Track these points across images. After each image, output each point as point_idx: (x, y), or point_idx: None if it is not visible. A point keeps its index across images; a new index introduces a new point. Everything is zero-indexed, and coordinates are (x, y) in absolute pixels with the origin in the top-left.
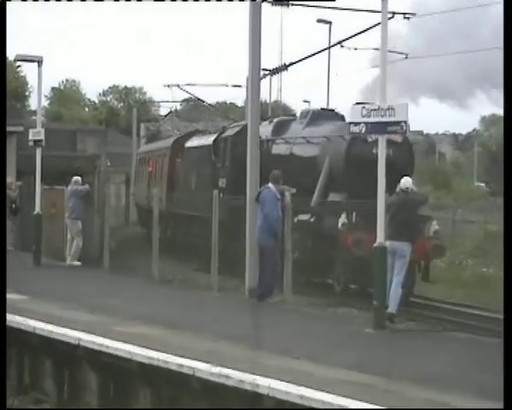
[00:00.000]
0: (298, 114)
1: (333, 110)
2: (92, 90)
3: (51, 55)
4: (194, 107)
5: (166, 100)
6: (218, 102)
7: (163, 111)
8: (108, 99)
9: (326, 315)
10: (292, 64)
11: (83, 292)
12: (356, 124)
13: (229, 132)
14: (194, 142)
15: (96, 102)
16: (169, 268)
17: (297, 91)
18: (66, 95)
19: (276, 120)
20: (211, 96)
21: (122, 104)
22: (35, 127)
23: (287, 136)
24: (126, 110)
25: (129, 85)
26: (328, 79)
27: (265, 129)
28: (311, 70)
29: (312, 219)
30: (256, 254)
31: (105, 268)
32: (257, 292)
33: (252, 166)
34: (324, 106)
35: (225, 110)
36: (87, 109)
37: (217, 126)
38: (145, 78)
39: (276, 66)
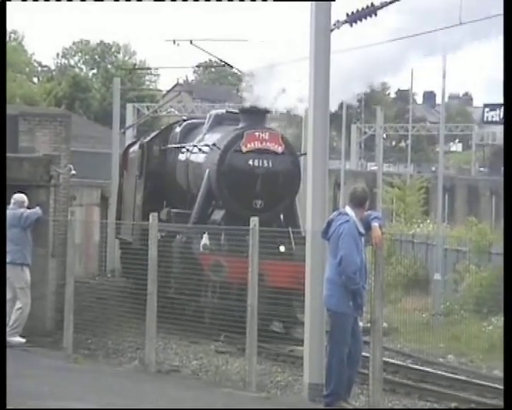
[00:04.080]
0: None
1: (237, 113)
2: (45, 48)
3: None
4: (216, 76)
5: (170, 65)
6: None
7: (164, 84)
8: (72, 63)
9: None
10: (388, 4)
11: (29, 390)
12: None
13: (149, 136)
14: (135, 146)
15: (52, 67)
16: (174, 349)
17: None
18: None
19: (185, 123)
20: (244, 60)
21: (95, 71)
22: None
23: (189, 143)
24: (102, 82)
25: (106, 41)
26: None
27: (174, 134)
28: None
29: (182, 242)
30: (320, 326)
31: (66, 349)
32: (324, 392)
33: (316, 184)
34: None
35: None
36: (36, 80)
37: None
38: (133, 29)
39: (361, 7)
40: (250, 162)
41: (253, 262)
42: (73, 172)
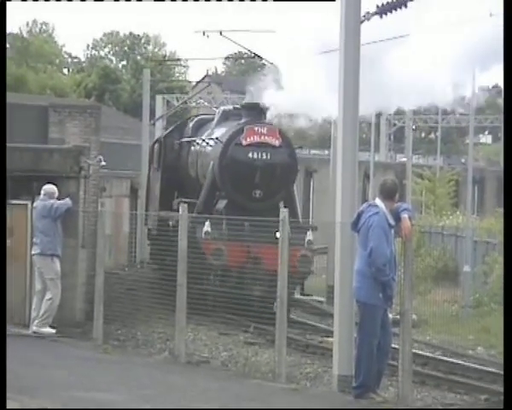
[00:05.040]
0: None
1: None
2: (75, 39)
3: None
4: (246, 68)
5: (199, 57)
6: None
7: (194, 75)
8: (102, 54)
9: None
10: None
11: (59, 381)
12: None
13: (166, 131)
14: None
15: (82, 58)
16: (203, 340)
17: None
18: (33, 47)
19: (196, 118)
20: (275, 51)
21: (125, 63)
22: None
23: (199, 137)
24: (132, 73)
25: (136, 32)
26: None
27: (188, 128)
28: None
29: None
30: (349, 318)
31: (96, 340)
32: (354, 383)
33: (345, 176)
34: None
35: None
36: (66, 71)
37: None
38: (163, 21)
39: None
40: (250, 155)
41: (283, 253)
42: (103, 163)
